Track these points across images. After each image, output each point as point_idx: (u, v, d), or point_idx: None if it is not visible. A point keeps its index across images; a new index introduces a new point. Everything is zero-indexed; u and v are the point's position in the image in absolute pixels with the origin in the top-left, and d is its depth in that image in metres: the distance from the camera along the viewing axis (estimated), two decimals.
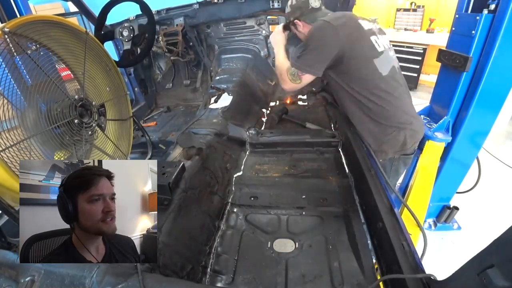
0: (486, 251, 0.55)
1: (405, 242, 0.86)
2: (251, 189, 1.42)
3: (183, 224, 1.03)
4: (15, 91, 0.80)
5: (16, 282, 0.64)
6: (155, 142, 2.02)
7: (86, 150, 1.06)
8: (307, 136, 1.72)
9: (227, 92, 2.05)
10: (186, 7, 2.41)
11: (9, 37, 0.77)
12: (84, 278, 0.63)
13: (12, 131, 0.79)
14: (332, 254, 1.05)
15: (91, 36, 1.10)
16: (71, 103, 0.97)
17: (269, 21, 2.46)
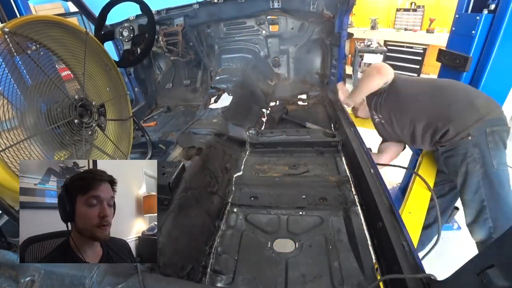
0: (486, 251, 0.55)
1: (405, 242, 0.86)
2: (251, 189, 1.42)
3: (183, 224, 1.03)
4: (15, 91, 0.80)
5: (16, 282, 0.64)
6: (155, 142, 2.02)
7: (86, 150, 1.06)
8: (307, 136, 1.72)
9: (227, 92, 2.05)
10: (186, 7, 2.41)
11: (9, 37, 0.77)
12: (84, 278, 0.63)
13: (12, 131, 0.79)
14: (332, 254, 1.05)
15: (91, 36, 1.10)
16: (71, 103, 0.96)
17: (269, 21, 2.47)
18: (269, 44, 2.62)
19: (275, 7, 2.32)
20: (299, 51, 2.59)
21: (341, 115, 1.85)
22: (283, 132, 1.78)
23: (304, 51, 2.58)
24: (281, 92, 2.62)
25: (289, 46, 2.61)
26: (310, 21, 2.39)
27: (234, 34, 2.60)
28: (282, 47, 2.62)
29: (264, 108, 2.36)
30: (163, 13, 2.43)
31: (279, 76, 2.73)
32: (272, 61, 2.68)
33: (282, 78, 2.73)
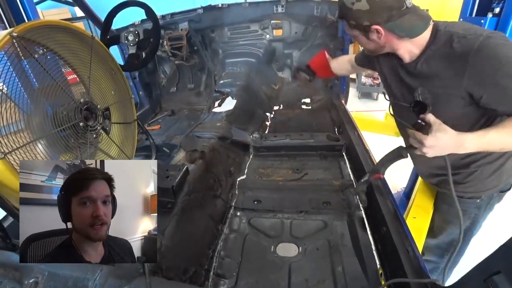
0: (492, 257, 0.54)
1: (410, 247, 0.85)
2: (254, 193, 1.41)
3: (186, 227, 1.03)
4: (22, 95, 0.81)
5: (20, 283, 0.65)
6: (159, 146, 2.02)
7: (90, 153, 1.06)
8: (311, 140, 1.72)
9: (231, 96, 2.06)
10: (191, 12, 2.43)
11: (17, 42, 0.78)
12: (87, 280, 0.63)
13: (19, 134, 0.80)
14: (335, 259, 1.04)
15: (97, 41, 1.11)
16: (76, 106, 0.97)
17: (273, 25, 2.48)
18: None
19: (279, 12, 2.33)
20: (303, 55, 2.60)
21: (345, 119, 1.84)
22: (287, 136, 1.78)
23: (308, 55, 2.59)
24: (285, 96, 2.63)
25: (293, 50, 2.62)
26: (313, 26, 2.40)
27: (238, 39, 2.61)
28: (286, 51, 2.63)
29: (268, 112, 2.36)
30: (168, 18, 2.46)
31: (283, 80, 2.74)
32: (276, 65, 2.69)
33: (286, 82, 2.74)
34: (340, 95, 2.29)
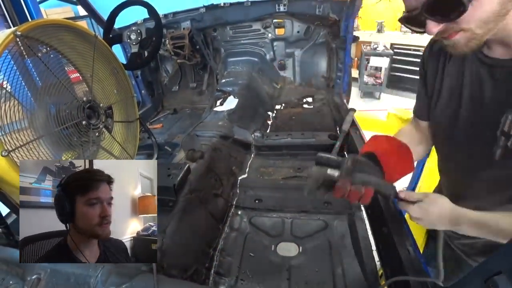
0: (494, 257, 0.54)
1: (410, 247, 0.85)
2: (255, 192, 1.42)
3: (187, 225, 1.03)
4: (25, 93, 0.81)
5: (23, 280, 0.65)
6: (161, 144, 2.03)
7: (93, 151, 1.07)
8: (313, 139, 1.72)
9: (232, 95, 2.06)
10: (193, 11, 2.44)
11: (21, 40, 0.79)
12: (89, 278, 0.64)
13: (22, 132, 0.80)
14: (335, 259, 1.04)
15: (100, 39, 1.12)
16: (79, 105, 0.98)
17: (275, 24, 2.48)
18: (275, 47, 2.63)
19: (281, 11, 2.33)
20: (305, 54, 2.60)
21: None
22: (289, 135, 1.78)
23: (310, 54, 2.59)
24: (287, 95, 2.63)
25: (295, 49, 2.62)
26: (316, 25, 2.40)
27: (240, 38, 2.62)
28: (288, 50, 2.62)
29: (269, 111, 2.36)
30: (170, 17, 2.47)
31: (285, 79, 2.74)
32: (278, 64, 2.69)
33: (288, 81, 2.74)
34: (342, 94, 2.28)
